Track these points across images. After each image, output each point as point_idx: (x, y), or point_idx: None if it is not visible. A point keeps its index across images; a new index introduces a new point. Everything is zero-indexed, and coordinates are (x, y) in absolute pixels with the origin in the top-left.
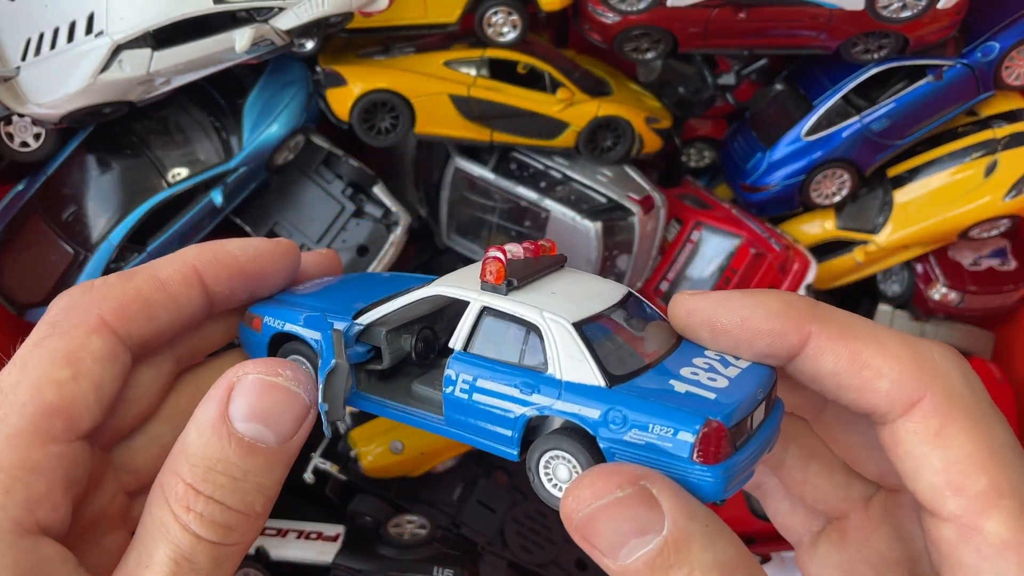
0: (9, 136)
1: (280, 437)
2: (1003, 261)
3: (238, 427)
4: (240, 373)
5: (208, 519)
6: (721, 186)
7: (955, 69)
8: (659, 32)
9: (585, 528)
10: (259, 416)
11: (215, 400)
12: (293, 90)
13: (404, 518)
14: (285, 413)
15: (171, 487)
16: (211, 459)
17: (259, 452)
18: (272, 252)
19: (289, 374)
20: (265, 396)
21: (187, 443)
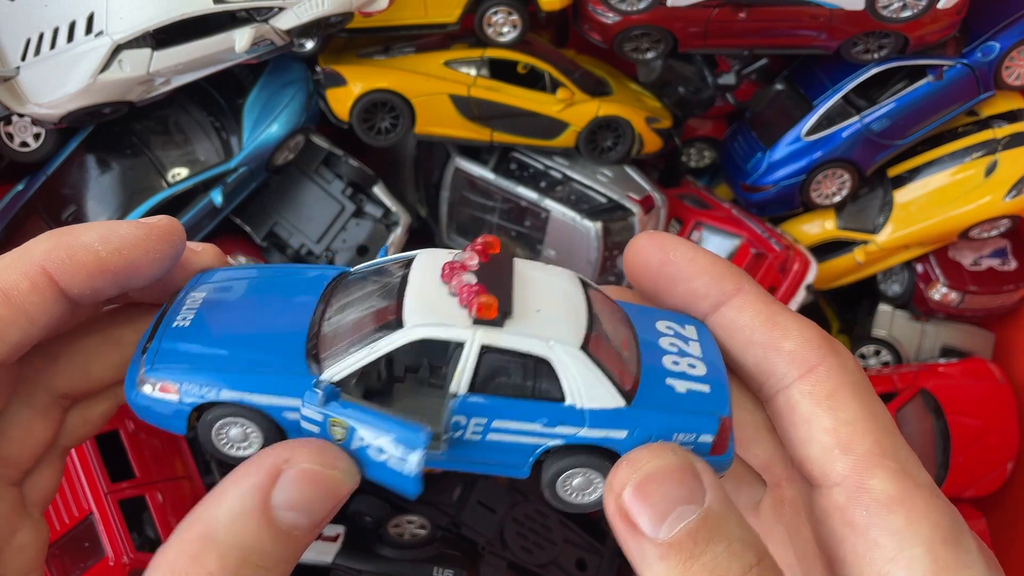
0: (9, 136)
1: (315, 521)
2: (1003, 261)
3: (279, 515)
4: (288, 459)
5: None
6: (721, 186)
7: (955, 69)
8: (659, 32)
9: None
10: (303, 506)
11: (256, 488)
12: (293, 90)
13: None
14: (327, 502)
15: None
16: (246, 549)
17: (294, 539)
18: (143, 240)
19: (344, 467)
20: (315, 488)
21: (216, 526)
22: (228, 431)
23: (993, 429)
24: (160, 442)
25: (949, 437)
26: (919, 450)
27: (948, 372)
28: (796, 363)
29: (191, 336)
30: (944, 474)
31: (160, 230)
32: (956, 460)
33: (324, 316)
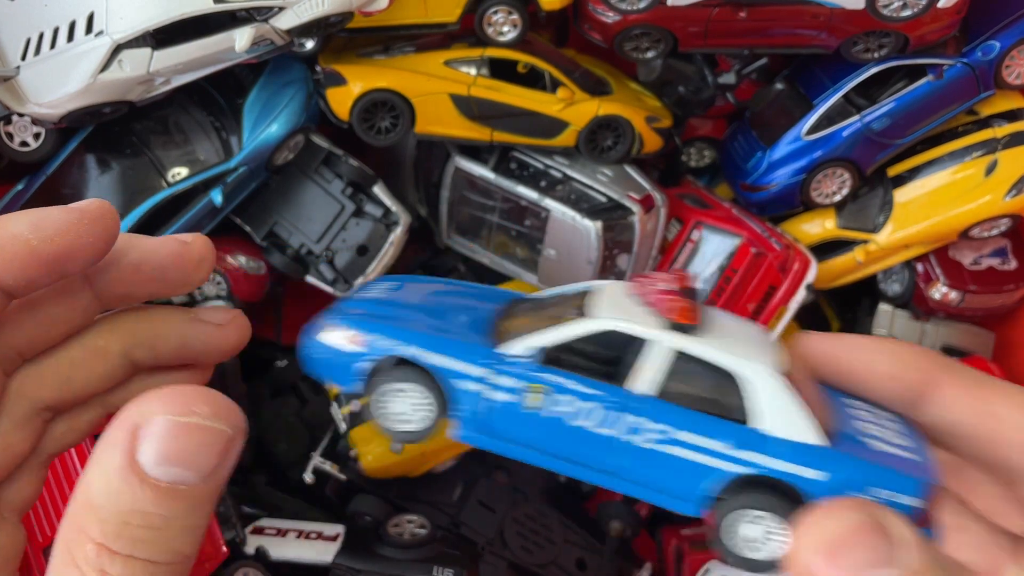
0: (9, 136)
1: (203, 473)
2: (1004, 260)
3: (152, 473)
4: (144, 412)
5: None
6: (721, 185)
7: (955, 68)
8: (659, 31)
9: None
10: (175, 459)
11: (117, 446)
12: (293, 90)
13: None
14: (206, 450)
15: (79, 548)
16: (124, 512)
17: (181, 495)
18: (75, 225)
19: (207, 410)
20: (179, 438)
21: (91, 494)
22: (390, 401)
23: None
24: None
25: None
26: None
27: None
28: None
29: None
30: None
31: (91, 214)
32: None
33: (508, 314)
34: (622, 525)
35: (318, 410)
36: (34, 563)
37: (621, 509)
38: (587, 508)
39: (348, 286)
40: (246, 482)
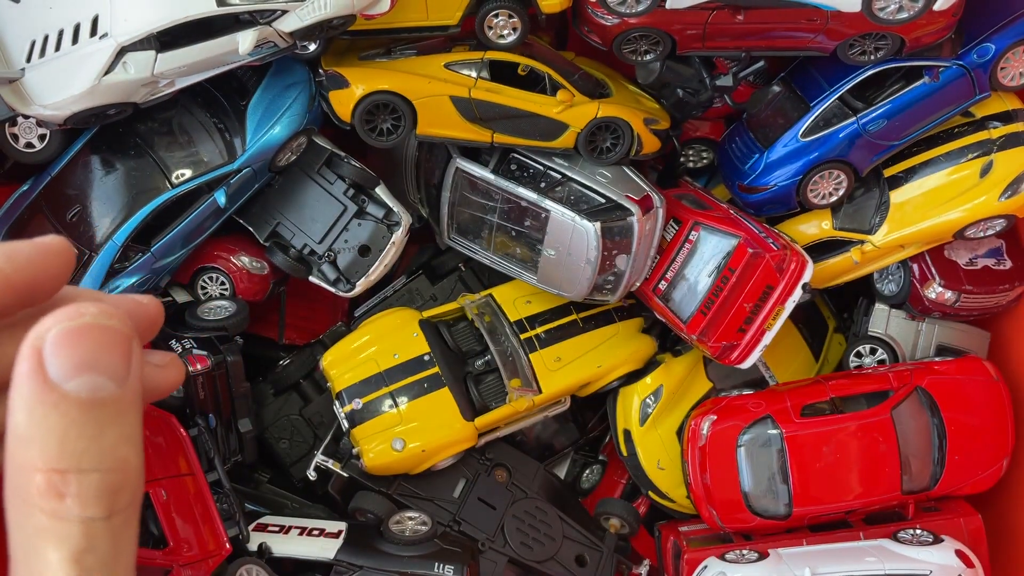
0: (14, 137)
1: (117, 377)
2: (999, 260)
3: (69, 388)
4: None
5: (91, 494)
6: (719, 187)
7: (951, 70)
8: (658, 34)
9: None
10: (84, 366)
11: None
12: (296, 92)
13: (405, 515)
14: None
15: (27, 487)
16: (57, 432)
17: (104, 404)
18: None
19: (94, 310)
20: (79, 343)
21: (21, 432)
22: None
23: (988, 427)
24: (164, 440)
25: (945, 434)
26: (915, 447)
27: (944, 370)
28: None
29: None
30: (940, 471)
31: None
32: (952, 457)
33: None
34: (621, 522)
35: (320, 408)
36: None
37: (620, 506)
38: (586, 505)
39: (350, 286)
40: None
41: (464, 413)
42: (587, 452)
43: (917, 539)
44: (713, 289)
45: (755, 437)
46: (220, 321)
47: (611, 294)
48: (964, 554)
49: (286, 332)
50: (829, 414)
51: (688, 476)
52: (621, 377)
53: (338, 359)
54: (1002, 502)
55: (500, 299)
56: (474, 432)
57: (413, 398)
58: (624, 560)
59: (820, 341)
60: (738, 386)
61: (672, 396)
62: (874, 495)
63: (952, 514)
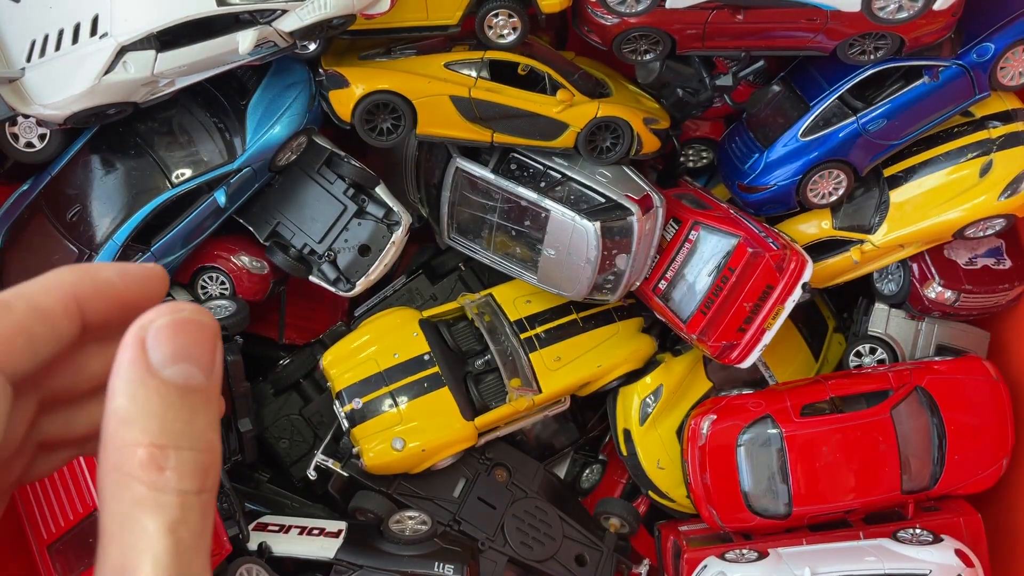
0: (14, 137)
1: (206, 369)
2: (998, 260)
3: (167, 374)
4: (143, 325)
5: (188, 468)
6: (719, 186)
7: (951, 70)
8: (657, 34)
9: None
10: (181, 355)
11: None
12: (296, 92)
13: (405, 514)
14: (202, 344)
15: (129, 460)
16: (157, 412)
17: (194, 391)
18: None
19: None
20: (179, 335)
21: (123, 411)
22: None
23: (988, 426)
24: None
25: (945, 434)
26: (915, 447)
27: (943, 370)
28: None
29: None
30: (940, 471)
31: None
32: (951, 457)
33: None
34: (621, 522)
35: (320, 408)
36: (39, 562)
37: (620, 506)
38: (586, 505)
39: (350, 285)
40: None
41: (464, 413)
42: (587, 452)
43: (917, 539)
44: (713, 289)
45: (755, 437)
46: (220, 321)
47: (611, 294)
48: (964, 553)
49: (286, 332)
50: (829, 414)
51: (688, 476)
52: (621, 377)
53: (338, 359)
54: (1002, 502)
55: (500, 299)
56: (474, 432)
57: (413, 398)
58: (624, 560)
59: (820, 341)
60: (738, 386)
61: (672, 396)
62: (874, 495)
63: (952, 514)
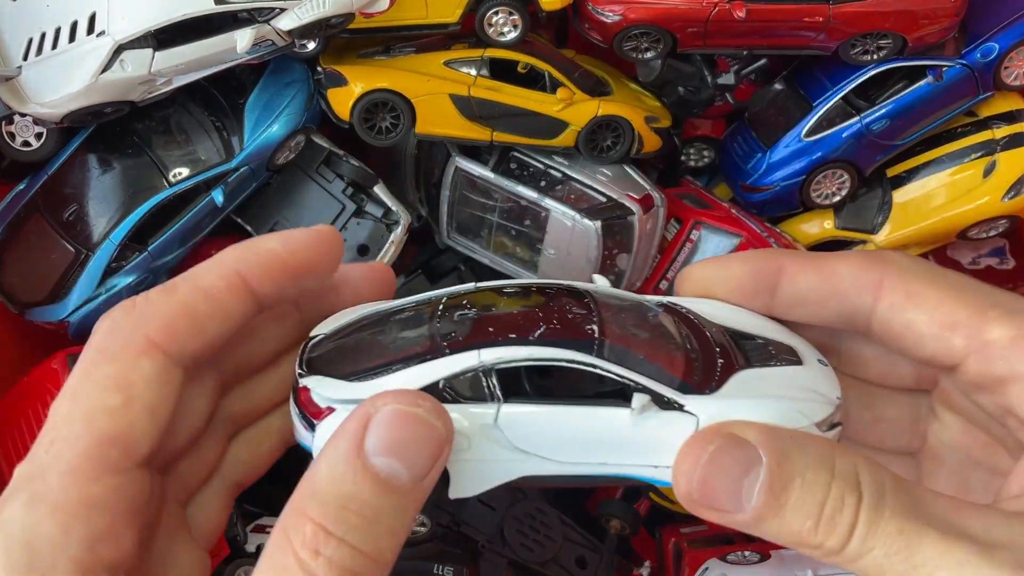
0: (10, 135)
1: (415, 475)
2: (1002, 260)
3: (373, 462)
4: (379, 404)
5: (339, 564)
6: (720, 186)
7: (954, 70)
8: (659, 32)
9: (704, 495)
10: (395, 450)
11: (350, 433)
12: (294, 90)
13: None
14: (422, 448)
15: (297, 529)
16: (344, 496)
17: (393, 490)
18: (315, 242)
19: (429, 405)
20: (403, 428)
21: (316, 480)
22: None
23: None
24: None
25: None
26: None
27: None
28: (864, 290)
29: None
30: None
31: (324, 234)
32: None
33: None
34: (621, 523)
35: None
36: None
37: (621, 507)
38: (586, 506)
39: None
40: None
41: None
42: None
43: None
44: None
45: None
46: None
47: None
48: None
49: None
50: None
51: None
52: None
53: None
54: None
55: None
56: None
57: None
58: (625, 561)
59: None
60: None
61: None
62: None
63: None
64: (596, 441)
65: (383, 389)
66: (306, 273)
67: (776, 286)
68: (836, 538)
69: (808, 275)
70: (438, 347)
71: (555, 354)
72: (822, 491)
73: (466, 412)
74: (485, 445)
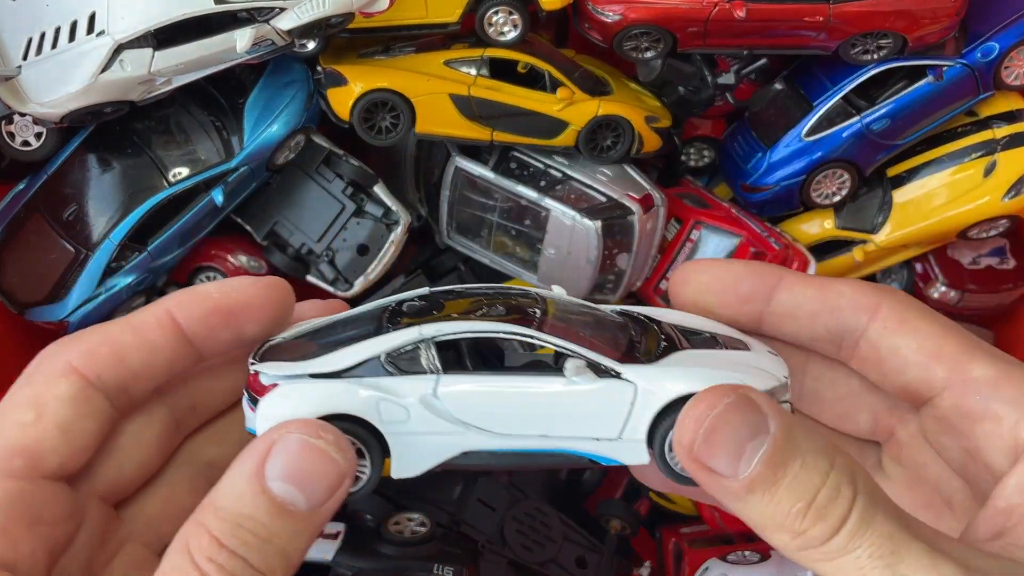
0: (10, 135)
1: (311, 503)
2: (1002, 260)
3: (272, 486)
4: (283, 432)
5: (229, 571)
6: (721, 185)
7: (955, 69)
8: (659, 31)
9: (706, 448)
10: (294, 477)
11: (254, 455)
12: (294, 90)
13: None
14: (320, 479)
15: (196, 537)
16: (241, 514)
17: (288, 515)
18: (252, 287)
19: (331, 438)
20: (303, 458)
21: (218, 495)
22: None
23: None
24: None
25: None
26: None
27: None
28: (861, 311)
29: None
30: None
31: (268, 282)
32: None
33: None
34: (621, 523)
35: None
36: None
37: (621, 507)
38: (587, 506)
39: (348, 285)
40: None
41: None
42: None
43: None
44: None
45: None
46: None
47: (612, 294)
48: None
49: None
50: None
51: None
52: None
53: None
54: None
55: None
56: None
57: None
58: (625, 562)
59: None
60: None
61: None
62: None
63: None
64: (535, 411)
65: (326, 367)
66: (242, 319)
67: (773, 294)
68: (823, 528)
69: (807, 288)
70: (383, 328)
71: (495, 327)
72: (820, 477)
73: (405, 384)
74: (424, 416)
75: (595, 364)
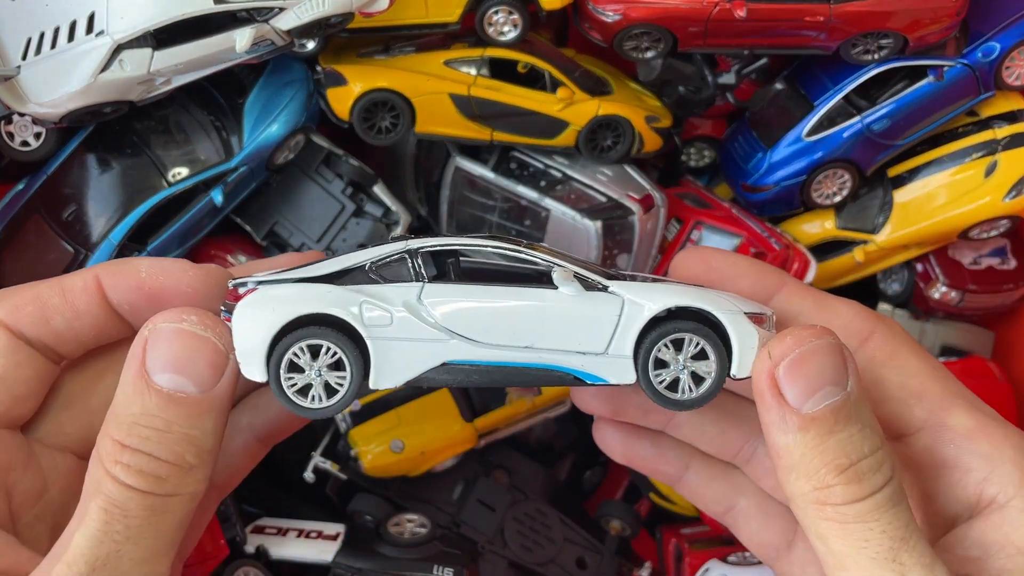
0: (9, 135)
1: (200, 386)
2: (1003, 260)
3: (156, 380)
4: (150, 326)
5: (136, 468)
6: (721, 185)
7: (956, 69)
8: (659, 31)
9: (788, 374)
10: (174, 365)
11: (133, 356)
12: (293, 90)
13: (404, 517)
14: (199, 360)
15: (102, 446)
16: (134, 414)
17: (181, 403)
18: (180, 270)
19: (195, 319)
20: (174, 344)
21: (115, 404)
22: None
23: None
24: None
25: None
26: None
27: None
28: (852, 335)
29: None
30: None
31: (200, 269)
32: None
33: None
34: (621, 524)
35: None
36: None
37: (621, 508)
38: (587, 507)
39: None
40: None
41: (464, 414)
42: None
43: None
44: None
45: None
46: None
47: None
48: None
49: None
50: None
51: None
52: None
53: None
54: None
55: None
56: (474, 433)
57: (412, 399)
58: (625, 562)
59: None
60: None
61: None
62: None
63: None
64: (521, 321)
65: (310, 273)
66: (165, 303)
67: (771, 297)
68: (854, 489)
69: (805, 300)
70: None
71: (481, 241)
72: (870, 447)
73: (390, 290)
74: (407, 321)
75: (583, 278)
